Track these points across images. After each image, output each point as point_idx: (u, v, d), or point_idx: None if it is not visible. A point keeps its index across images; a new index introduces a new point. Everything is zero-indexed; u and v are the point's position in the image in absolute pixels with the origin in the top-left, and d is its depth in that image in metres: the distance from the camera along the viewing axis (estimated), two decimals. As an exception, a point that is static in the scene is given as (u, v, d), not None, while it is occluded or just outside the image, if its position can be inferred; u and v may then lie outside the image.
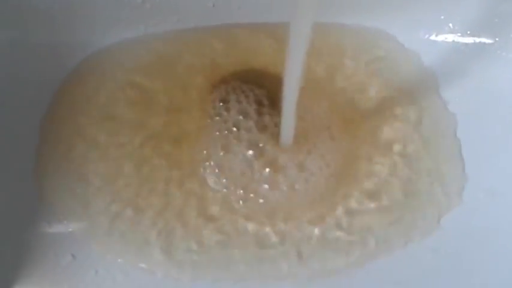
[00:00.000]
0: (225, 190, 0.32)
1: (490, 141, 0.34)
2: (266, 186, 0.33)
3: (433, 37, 0.37)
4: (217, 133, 0.34)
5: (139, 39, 0.38)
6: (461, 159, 0.34)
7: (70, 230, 0.31)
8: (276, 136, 0.33)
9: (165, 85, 0.36)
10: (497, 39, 0.36)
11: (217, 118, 0.35)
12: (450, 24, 0.37)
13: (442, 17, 0.37)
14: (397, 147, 0.34)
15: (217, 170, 0.33)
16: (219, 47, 0.38)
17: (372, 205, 0.32)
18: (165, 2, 0.36)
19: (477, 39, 0.36)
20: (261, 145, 0.33)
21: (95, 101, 0.36)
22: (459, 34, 0.36)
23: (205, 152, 0.34)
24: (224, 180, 0.33)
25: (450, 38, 0.37)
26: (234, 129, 0.34)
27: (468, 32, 0.36)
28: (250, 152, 0.33)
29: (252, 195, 0.33)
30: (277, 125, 0.33)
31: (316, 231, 0.31)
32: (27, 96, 0.35)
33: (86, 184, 0.33)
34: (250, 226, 0.32)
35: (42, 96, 0.36)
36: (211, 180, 0.33)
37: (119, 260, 0.30)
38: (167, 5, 0.37)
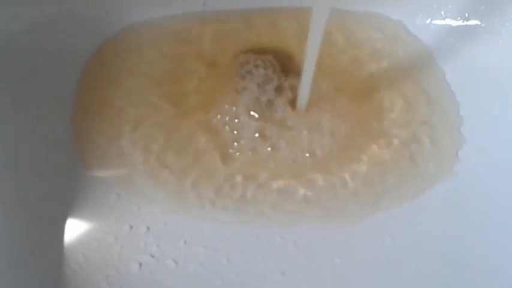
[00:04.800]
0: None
1: (478, 107, 0.39)
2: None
3: (428, 22, 0.42)
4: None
5: (168, 18, 0.41)
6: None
7: (114, 175, 0.35)
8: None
9: (192, 56, 0.40)
10: (483, 24, 0.41)
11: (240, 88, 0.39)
12: (442, 12, 0.42)
13: (435, 6, 0.42)
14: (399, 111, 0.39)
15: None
16: (240, 27, 0.42)
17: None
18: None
19: (466, 23, 0.41)
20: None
21: (126, 65, 0.40)
22: (450, 19, 0.42)
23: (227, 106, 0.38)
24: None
25: (443, 22, 0.42)
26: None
27: (458, 18, 0.41)
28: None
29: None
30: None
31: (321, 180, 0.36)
32: (64, 62, 0.38)
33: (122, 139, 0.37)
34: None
35: (77, 63, 0.39)
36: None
37: (157, 198, 0.34)
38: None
